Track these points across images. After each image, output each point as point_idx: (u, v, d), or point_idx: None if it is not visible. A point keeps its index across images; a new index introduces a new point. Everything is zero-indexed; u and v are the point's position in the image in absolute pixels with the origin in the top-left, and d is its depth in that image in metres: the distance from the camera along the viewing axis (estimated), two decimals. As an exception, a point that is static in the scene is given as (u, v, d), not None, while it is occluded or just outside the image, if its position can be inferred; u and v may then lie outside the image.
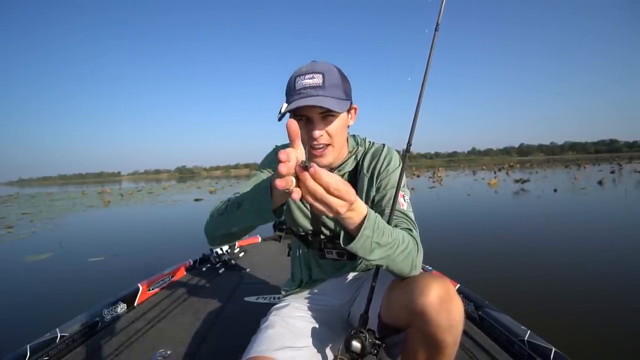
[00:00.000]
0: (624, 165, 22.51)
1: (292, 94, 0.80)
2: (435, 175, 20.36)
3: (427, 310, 0.67)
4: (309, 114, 0.80)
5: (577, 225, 4.93)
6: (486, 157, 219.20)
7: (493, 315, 1.38)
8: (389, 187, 0.91)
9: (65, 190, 32.86)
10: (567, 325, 2.09)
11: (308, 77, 0.80)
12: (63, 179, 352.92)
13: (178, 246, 4.88)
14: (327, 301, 1.03)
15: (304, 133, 0.80)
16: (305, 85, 0.79)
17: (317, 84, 0.79)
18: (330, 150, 0.85)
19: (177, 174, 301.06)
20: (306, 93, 0.78)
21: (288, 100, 0.81)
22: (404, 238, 0.73)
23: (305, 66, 0.83)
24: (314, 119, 0.80)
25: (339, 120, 0.83)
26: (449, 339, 0.68)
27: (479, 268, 3.20)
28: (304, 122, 0.81)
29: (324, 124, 0.81)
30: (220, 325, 1.66)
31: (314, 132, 0.80)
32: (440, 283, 0.70)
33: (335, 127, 0.83)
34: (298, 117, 0.80)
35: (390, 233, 0.69)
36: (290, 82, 0.82)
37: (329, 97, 0.79)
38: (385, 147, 0.97)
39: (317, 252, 1.02)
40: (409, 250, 0.73)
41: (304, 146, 0.80)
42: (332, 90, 0.80)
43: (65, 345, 1.39)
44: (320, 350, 0.89)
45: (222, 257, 2.62)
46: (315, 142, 0.81)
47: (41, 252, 4.81)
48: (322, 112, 0.80)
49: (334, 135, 0.83)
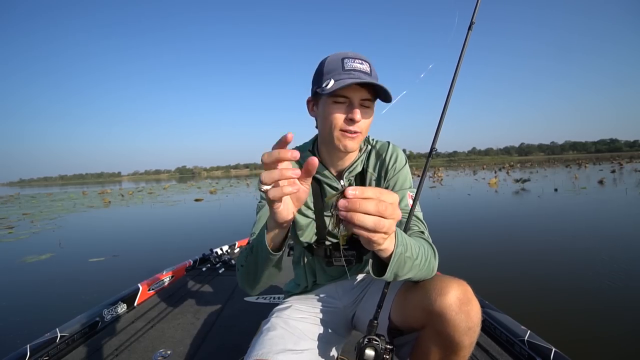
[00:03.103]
0: (624, 165, 22.50)
1: (340, 72, 0.77)
2: (436, 175, 20.34)
3: (446, 311, 0.66)
4: (353, 96, 0.78)
5: (578, 225, 4.93)
6: (486, 156, 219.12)
7: (493, 315, 1.38)
8: (399, 188, 0.90)
9: (65, 191, 32.87)
10: (567, 325, 2.08)
11: (358, 61, 0.78)
12: (63, 180, 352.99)
13: (178, 246, 4.88)
14: (331, 302, 1.01)
15: (339, 116, 0.79)
16: (356, 68, 0.77)
17: (366, 70, 0.78)
18: (360, 137, 0.82)
19: (177, 174, 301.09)
20: (357, 76, 0.76)
21: (335, 77, 0.77)
22: (423, 245, 0.70)
23: (349, 52, 0.81)
24: (355, 104, 0.78)
25: (372, 113, 0.82)
26: (466, 341, 0.67)
27: (479, 268, 3.20)
28: (344, 105, 0.79)
29: (362, 112, 0.79)
30: (220, 325, 1.66)
31: (356, 115, 0.77)
32: (459, 284, 0.69)
33: (370, 118, 0.82)
34: (339, 97, 0.78)
35: (413, 246, 0.65)
36: (334, 61, 0.79)
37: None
38: (390, 145, 0.95)
39: (323, 259, 0.99)
40: (429, 257, 0.71)
41: (333, 129, 0.82)
42: (376, 80, 0.78)
43: (65, 345, 1.39)
44: (323, 352, 0.88)
45: (222, 257, 2.62)
46: (351, 127, 0.79)
47: (41, 252, 4.82)
48: (364, 99, 0.79)
49: (366, 126, 0.82)
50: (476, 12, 0.86)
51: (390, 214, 0.48)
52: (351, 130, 0.79)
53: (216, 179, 49.92)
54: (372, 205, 0.46)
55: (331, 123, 0.80)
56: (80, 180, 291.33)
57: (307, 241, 0.97)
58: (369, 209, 0.46)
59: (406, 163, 0.93)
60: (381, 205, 0.47)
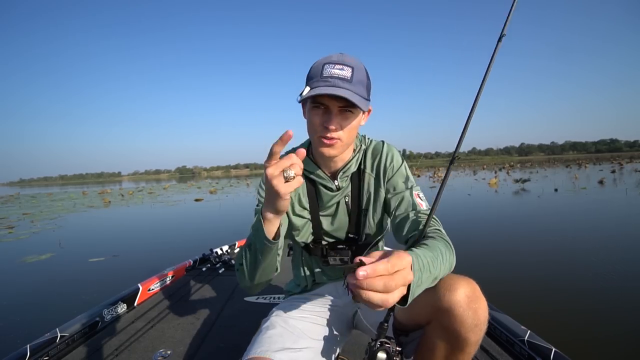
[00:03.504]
0: (624, 165, 22.51)
1: (318, 79, 0.77)
2: (436, 175, 20.35)
3: (454, 307, 0.66)
4: (329, 104, 0.77)
5: (578, 225, 4.93)
6: (486, 156, 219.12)
7: (493, 315, 1.38)
8: (401, 188, 0.89)
9: (65, 191, 32.88)
10: (567, 325, 2.08)
11: (338, 67, 0.77)
12: (63, 180, 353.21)
13: (178, 246, 4.88)
14: (331, 301, 1.02)
15: (317, 121, 0.79)
16: (333, 74, 0.76)
17: (345, 76, 0.76)
18: (340, 144, 0.82)
19: (177, 174, 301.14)
20: (333, 82, 0.75)
21: (312, 85, 0.77)
22: (440, 249, 0.69)
23: (335, 55, 0.80)
24: (333, 111, 0.78)
25: (355, 118, 0.81)
26: (472, 338, 0.68)
27: (479, 268, 3.20)
28: (321, 111, 0.79)
29: (341, 118, 0.79)
30: (220, 325, 1.66)
31: (331, 125, 0.77)
32: (468, 282, 0.69)
33: (350, 124, 0.81)
34: (316, 104, 0.78)
35: (430, 260, 0.64)
36: (317, 67, 0.79)
37: (355, 94, 0.76)
38: (385, 144, 0.95)
39: (319, 258, 1.00)
40: (447, 259, 0.70)
41: (314, 133, 0.81)
42: (358, 87, 0.78)
43: (65, 345, 1.39)
44: (322, 351, 0.88)
45: (222, 257, 2.62)
46: (327, 134, 0.79)
47: (42, 252, 4.82)
48: (342, 106, 0.77)
49: (347, 132, 0.81)
50: (507, 23, 0.82)
51: (400, 285, 0.49)
52: (327, 136, 0.79)
53: (216, 179, 49.95)
54: (381, 285, 0.47)
55: (311, 129, 0.82)
56: (80, 180, 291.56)
57: (304, 241, 0.98)
58: (377, 287, 0.47)
59: (403, 162, 0.93)
60: (391, 282, 0.48)
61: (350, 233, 0.96)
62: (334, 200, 0.93)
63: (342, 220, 0.95)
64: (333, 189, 0.92)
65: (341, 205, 0.94)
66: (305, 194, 0.94)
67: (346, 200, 0.94)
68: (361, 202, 0.94)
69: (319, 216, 0.95)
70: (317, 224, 0.95)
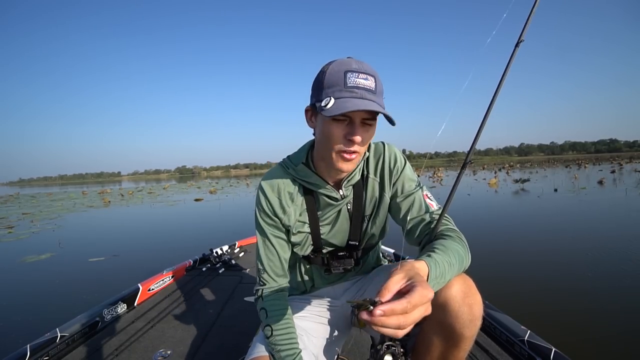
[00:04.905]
0: (624, 165, 22.50)
1: (341, 89, 0.71)
2: (435, 174, 20.34)
3: (450, 302, 0.67)
4: (354, 115, 0.72)
5: (578, 225, 4.93)
6: (486, 156, 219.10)
7: (493, 315, 1.38)
8: (408, 190, 0.87)
9: (65, 191, 32.85)
10: (567, 325, 2.08)
11: (362, 77, 0.71)
12: (63, 179, 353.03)
13: (178, 246, 4.88)
14: (331, 301, 1.02)
15: (341, 134, 0.73)
16: (359, 85, 0.71)
17: (370, 87, 0.71)
18: (358, 158, 0.77)
19: (177, 174, 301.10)
20: (360, 94, 0.70)
21: (335, 95, 0.71)
22: (458, 252, 0.70)
23: (354, 62, 0.73)
24: (356, 123, 0.72)
25: (374, 130, 0.77)
26: (468, 333, 0.69)
27: (479, 268, 3.19)
28: (344, 124, 0.73)
29: (362, 131, 0.73)
30: (220, 325, 1.66)
31: (356, 137, 0.72)
32: (463, 278, 0.70)
33: (370, 136, 0.77)
34: (340, 117, 0.71)
35: (448, 266, 0.65)
36: (335, 74, 0.72)
37: (382, 107, 0.72)
38: (386, 145, 0.91)
39: (321, 267, 0.98)
40: (462, 257, 0.71)
41: (332, 147, 0.75)
42: (380, 98, 0.73)
43: (65, 345, 1.39)
44: (322, 349, 0.88)
45: (222, 257, 2.62)
46: (350, 147, 0.74)
47: (41, 252, 4.81)
48: (365, 118, 0.73)
49: (366, 145, 0.78)
50: (526, 29, 0.80)
51: (416, 321, 0.47)
52: (349, 150, 0.74)
53: (216, 179, 49.93)
54: (395, 324, 0.45)
55: (329, 142, 0.75)
56: (80, 180, 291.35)
57: (304, 254, 0.95)
58: (391, 326, 0.45)
59: (406, 162, 0.91)
60: (406, 320, 0.46)
61: (351, 240, 0.93)
62: (336, 209, 0.89)
63: (343, 227, 0.92)
64: (338, 198, 0.87)
65: (342, 212, 0.90)
66: (305, 210, 0.89)
67: (348, 207, 0.90)
68: (364, 208, 0.91)
69: (318, 227, 0.91)
70: (316, 235, 0.92)
